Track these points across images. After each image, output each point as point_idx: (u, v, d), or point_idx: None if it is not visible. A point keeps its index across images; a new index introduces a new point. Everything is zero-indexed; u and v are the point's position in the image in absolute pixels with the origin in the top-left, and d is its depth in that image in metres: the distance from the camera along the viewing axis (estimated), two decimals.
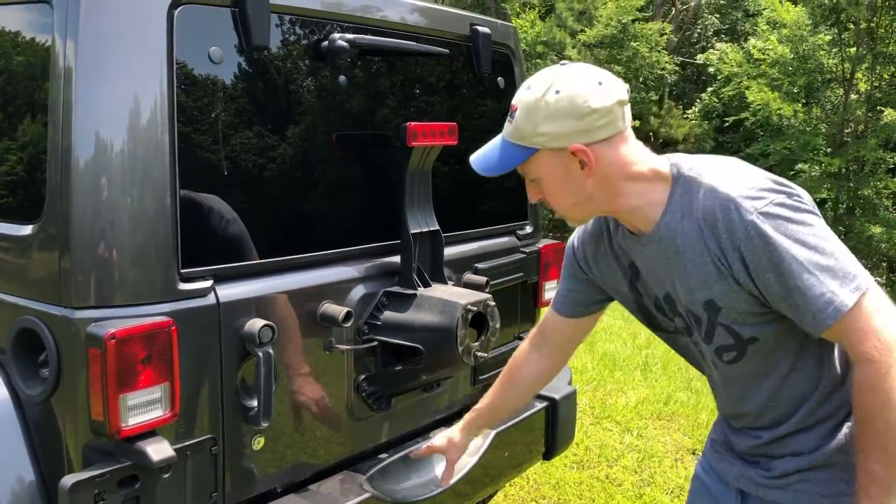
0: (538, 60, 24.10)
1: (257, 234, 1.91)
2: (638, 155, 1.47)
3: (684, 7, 25.55)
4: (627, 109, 1.47)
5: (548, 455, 2.77)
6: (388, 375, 2.18)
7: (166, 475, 1.72)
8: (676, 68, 24.11)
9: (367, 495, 2.04)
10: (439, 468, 2.32)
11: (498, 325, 2.20)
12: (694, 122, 22.83)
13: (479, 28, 2.54)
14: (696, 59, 23.84)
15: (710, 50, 22.71)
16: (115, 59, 1.68)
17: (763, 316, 1.42)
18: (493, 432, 2.47)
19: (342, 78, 2.09)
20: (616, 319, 8.77)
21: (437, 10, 2.50)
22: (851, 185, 16.12)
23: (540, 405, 2.69)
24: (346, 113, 2.15)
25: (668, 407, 5.10)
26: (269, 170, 1.94)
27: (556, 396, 2.73)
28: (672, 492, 3.89)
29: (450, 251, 2.42)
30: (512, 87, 2.73)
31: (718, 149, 22.41)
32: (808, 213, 1.37)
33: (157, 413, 1.68)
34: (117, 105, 1.68)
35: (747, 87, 18.86)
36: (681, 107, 24.08)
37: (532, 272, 2.77)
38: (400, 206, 2.16)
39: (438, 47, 2.38)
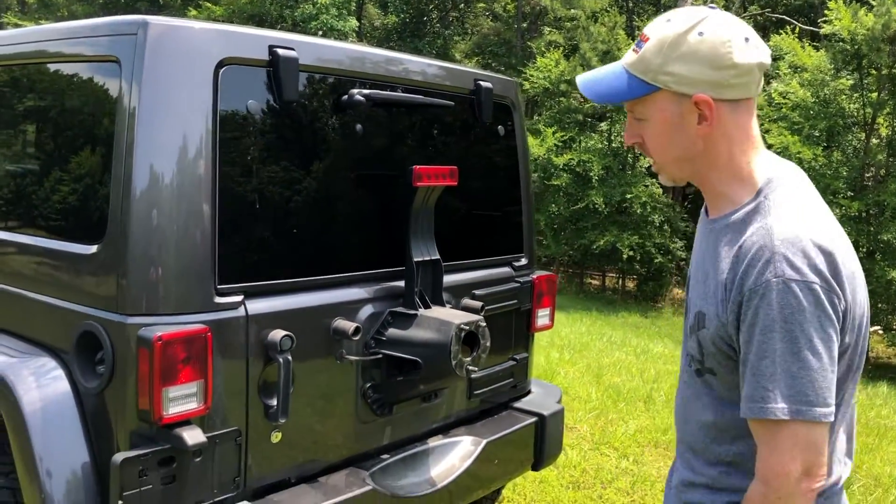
0: (562, 98, 24.55)
1: (282, 257, 2.25)
2: (754, 136, 1.41)
3: None
4: (762, 78, 1.39)
5: (536, 466, 3.05)
6: (391, 385, 2.49)
7: (198, 459, 2.04)
8: None
9: (368, 488, 2.35)
10: (435, 470, 2.64)
11: (489, 344, 2.50)
12: None
13: (482, 83, 2.88)
14: None
15: None
16: (170, 107, 2.03)
17: (728, 360, 1.39)
18: (484, 441, 2.77)
19: (359, 126, 2.44)
20: (628, 355, 9.02)
21: (446, 68, 2.85)
22: (872, 229, 16.26)
23: (529, 420, 2.99)
24: (362, 155, 2.49)
25: (666, 436, 5.34)
26: (293, 203, 2.28)
27: (545, 413, 3.03)
28: None
29: (451, 278, 2.75)
30: (511, 135, 3.07)
31: None
32: (823, 318, 1.27)
33: (192, 405, 2.01)
34: (170, 144, 2.03)
35: (767, 131, 19.12)
36: None
37: (525, 300, 3.09)
38: (405, 238, 2.49)
39: (445, 100, 2.72)
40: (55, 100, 2.41)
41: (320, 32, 25.52)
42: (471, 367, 2.45)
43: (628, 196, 22.22)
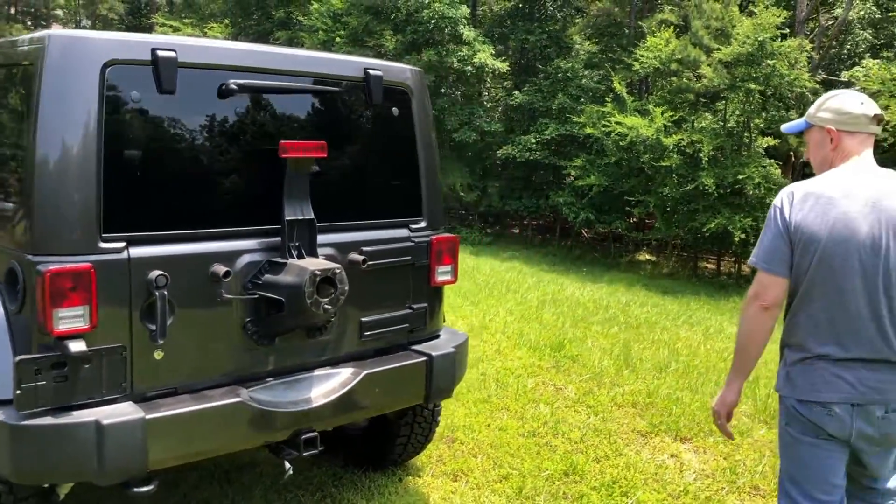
0: (673, 78, 24.14)
1: (162, 214, 2.87)
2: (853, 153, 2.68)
3: (828, 23, 24.72)
4: (871, 122, 2.66)
5: (427, 399, 3.55)
6: (267, 319, 3.07)
7: (87, 365, 2.69)
8: (817, 86, 23.37)
9: (236, 400, 2.94)
10: (314, 392, 3.20)
11: (346, 288, 3.03)
12: None
13: (372, 71, 3.40)
14: (840, 77, 23.05)
15: (856, 67, 21.94)
16: (65, 96, 2.68)
17: None
18: (364, 373, 3.30)
19: (238, 109, 3.02)
20: (696, 334, 9.02)
21: (336, 59, 3.40)
22: None
23: (418, 360, 3.49)
24: (241, 133, 3.07)
25: (650, 398, 5.64)
26: (172, 171, 2.90)
27: (434, 354, 3.52)
28: (598, 459, 4.51)
29: (340, 236, 3.31)
30: (408, 115, 3.57)
31: None
32: (771, 222, 2.58)
33: (79, 324, 2.66)
34: (64, 125, 2.68)
35: (886, 106, 18.22)
36: None
37: (422, 257, 3.58)
38: (280, 201, 3.06)
39: (333, 86, 3.27)
40: (4, 93, 3.13)
41: (433, 20, 26.27)
42: (327, 307, 2.98)
43: (741, 177, 21.65)
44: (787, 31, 23.18)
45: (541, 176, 27.37)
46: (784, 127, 2.89)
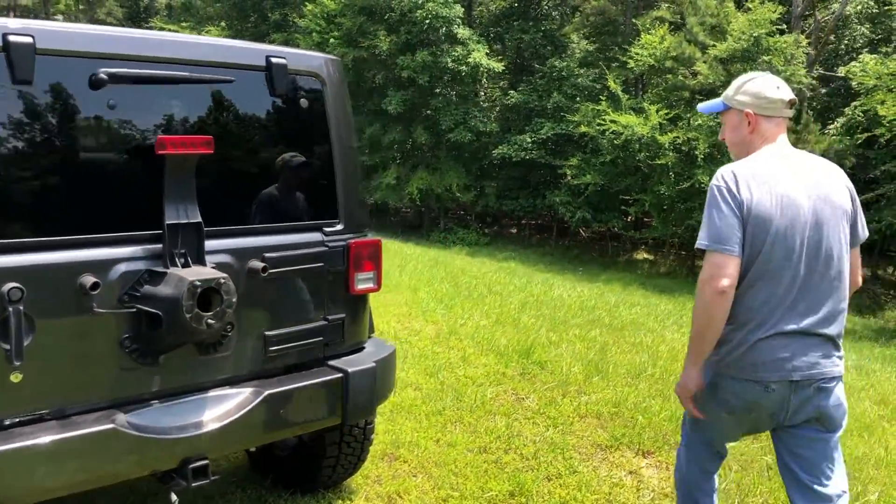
0: (668, 76, 23.79)
1: (18, 222, 2.56)
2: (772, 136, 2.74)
3: (825, 19, 24.31)
4: (787, 107, 2.74)
5: (344, 419, 3.22)
6: (148, 336, 2.75)
7: None
8: (813, 82, 23.00)
9: (108, 427, 2.62)
10: (207, 415, 2.88)
11: (234, 300, 2.71)
12: (835, 137, 21.69)
13: (275, 59, 3.08)
14: (837, 72, 22.65)
15: (853, 62, 21.56)
16: None
17: None
18: (265, 393, 2.98)
19: (111, 102, 2.71)
20: (684, 336, 8.73)
21: (229, 46, 3.07)
22: None
23: (331, 376, 3.17)
24: (115, 129, 2.75)
25: (617, 408, 5.31)
26: (31, 170, 2.59)
27: (349, 370, 3.20)
28: (549, 478, 4.18)
29: (239, 241, 3.00)
30: (320, 107, 3.25)
31: (863, 166, 21.17)
32: (711, 192, 2.60)
33: None
34: None
35: (882, 101, 17.84)
36: (819, 122, 22.93)
37: (337, 263, 3.26)
38: (160, 203, 2.74)
39: (228, 76, 2.95)
40: None
41: (427, 20, 25.95)
42: (211, 322, 2.67)
43: None
44: (784, 26, 22.81)
45: (537, 175, 27.08)
46: (700, 107, 2.95)
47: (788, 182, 2.56)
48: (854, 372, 8.32)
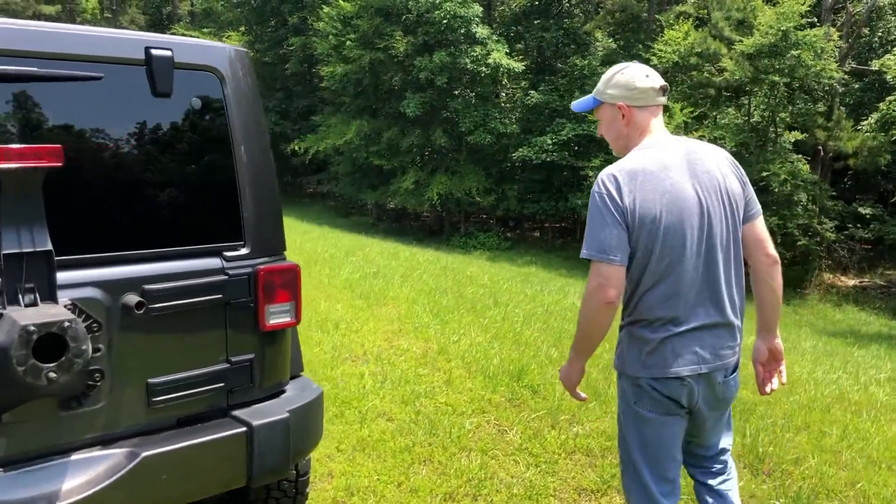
0: (693, 72, 23.06)
1: None
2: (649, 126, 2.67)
3: (857, 10, 23.36)
4: (659, 94, 2.65)
5: (250, 481, 2.69)
6: None
7: None
8: (845, 77, 22.09)
9: None
10: (66, 485, 2.37)
11: (85, 347, 2.19)
12: (868, 134, 20.80)
13: (156, 52, 2.56)
14: (870, 66, 21.70)
15: (888, 55, 20.66)
16: None
17: None
18: (143, 455, 2.46)
19: None
20: None
21: (101, 36, 2.54)
22: None
23: (233, 431, 2.65)
24: None
25: (608, 441, 4.72)
26: None
27: (254, 423, 2.67)
28: None
29: (112, 271, 2.47)
30: (218, 110, 2.72)
31: None
32: (592, 200, 2.51)
33: None
34: None
35: None
36: (852, 118, 22.05)
37: (241, 294, 2.73)
38: None
39: (86, 70, 2.43)
40: None
41: (445, 20, 25.47)
42: (54, 375, 2.15)
43: (765, 174, 20.53)
44: (814, 19, 21.96)
45: (559, 177, 26.44)
46: (574, 105, 2.87)
47: (671, 174, 2.52)
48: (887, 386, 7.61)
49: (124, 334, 2.50)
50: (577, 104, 2.82)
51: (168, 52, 2.59)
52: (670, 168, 2.53)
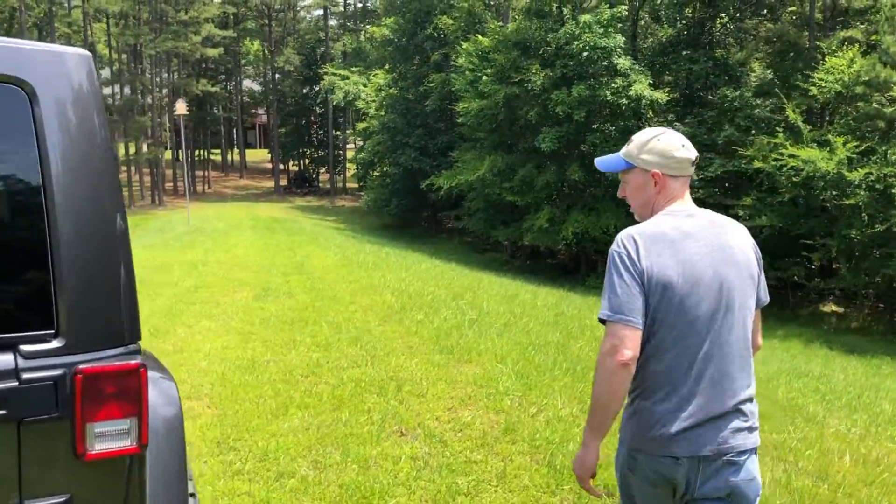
0: (859, 103, 20.89)
1: None
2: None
3: None
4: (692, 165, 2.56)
5: None
6: None
7: None
8: None
9: None
10: None
11: None
12: None
13: None
14: None
15: None
16: None
17: None
18: None
19: None
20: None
21: None
22: None
23: None
24: None
25: None
26: None
27: None
28: None
29: None
30: (24, 134, 1.88)
31: None
32: (622, 269, 2.36)
33: None
34: None
35: None
36: None
37: (45, 406, 1.85)
38: None
39: None
40: None
41: (584, 52, 24.49)
42: None
43: None
44: None
45: None
46: (598, 162, 2.72)
47: (693, 245, 2.42)
48: None
49: None
50: (604, 163, 2.69)
51: None
52: (693, 239, 2.43)
